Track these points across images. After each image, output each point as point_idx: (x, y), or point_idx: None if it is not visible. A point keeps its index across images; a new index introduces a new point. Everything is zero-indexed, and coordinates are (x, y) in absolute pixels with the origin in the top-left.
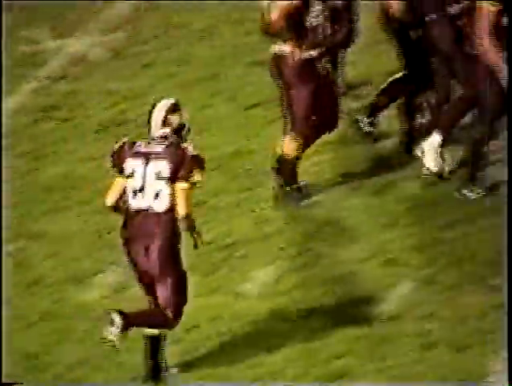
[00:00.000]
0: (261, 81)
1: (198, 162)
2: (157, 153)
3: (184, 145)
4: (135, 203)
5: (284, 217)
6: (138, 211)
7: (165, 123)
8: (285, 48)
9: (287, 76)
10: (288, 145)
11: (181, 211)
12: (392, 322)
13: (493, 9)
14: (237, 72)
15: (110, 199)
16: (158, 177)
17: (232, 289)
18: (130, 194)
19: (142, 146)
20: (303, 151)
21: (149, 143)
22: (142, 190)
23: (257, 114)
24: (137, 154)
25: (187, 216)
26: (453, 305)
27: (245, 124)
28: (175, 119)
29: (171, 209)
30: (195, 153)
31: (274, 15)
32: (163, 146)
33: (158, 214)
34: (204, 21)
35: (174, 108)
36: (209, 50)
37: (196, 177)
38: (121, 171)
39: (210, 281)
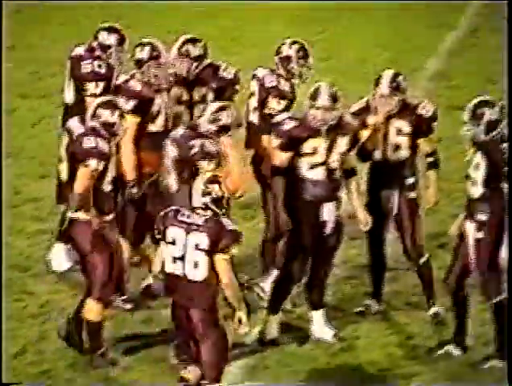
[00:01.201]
0: None
1: (235, 237)
2: (198, 225)
3: (223, 219)
4: (174, 269)
5: None
6: (177, 277)
7: (204, 193)
8: (80, 215)
9: (82, 243)
10: (90, 312)
11: (224, 279)
12: None
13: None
14: None
15: (157, 266)
16: (198, 248)
17: None
18: (168, 259)
19: (185, 216)
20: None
21: (192, 212)
22: (182, 258)
23: None
24: (180, 223)
25: (231, 284)
26: None
27: None
28: (214, 188)
29: (209, 278)
30: (232, 228)
31: (80, 184)
32: (203, 219)
33: (196, 282)
34: None
35: (213, 179)
36: None
37: (234, 250)
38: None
39: None
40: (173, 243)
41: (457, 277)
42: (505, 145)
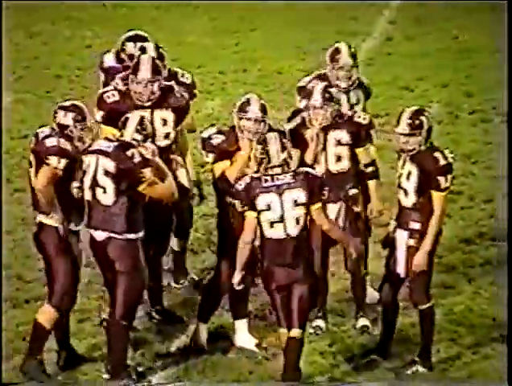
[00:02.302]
0: None
1: (323, 183)
2: (288, 184)
3: (309, 170)
4: (273, 234)
5: None
6: (277, 240)
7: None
8: (44, 219)
9: (49, 249)
10: (44, 315)
11: (325, 226)
12: None
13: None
14: None
15: (248, 237)
16: (296, 204)
17: None
18: (265, 225)
19: (269, 180)
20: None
21: (272, 176)
22: (281, 220)
23: None
24: (269, 188)
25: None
26: None
27: None
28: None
29: (304, 229)
30: (319, 175)
31: (40, 181)
32: (291, 176)
33: (294, 237)
34: None
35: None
36: None
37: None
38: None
39: None
40: (268, 208)
41: (390, 286)
42: (437, 154)
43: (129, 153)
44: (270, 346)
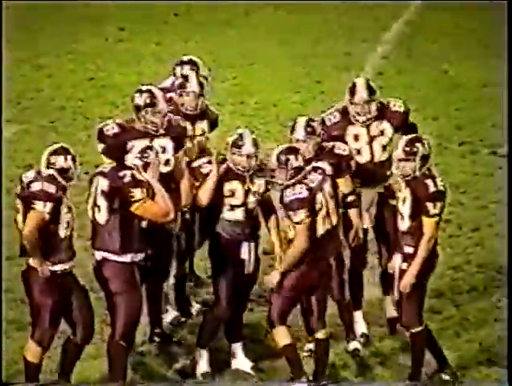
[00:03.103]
0: None
1: None
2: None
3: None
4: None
5: None
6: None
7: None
8: (30, 261)
9: (31, 288)
10: (29, 350)
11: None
12: None
13: None
14: None
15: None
16: None
17: None
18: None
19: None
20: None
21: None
22: None
23: None
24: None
25: None
26: None
27: None
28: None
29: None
30: None
31: (28, 226)
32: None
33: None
34: None
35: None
36: None
37: None
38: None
39: None
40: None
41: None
42: (429, 181)
43: (121, 173)
44: (266, 368)
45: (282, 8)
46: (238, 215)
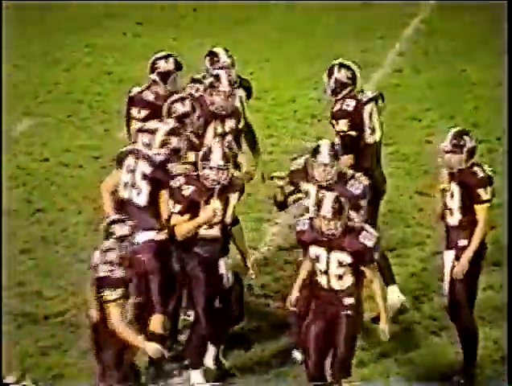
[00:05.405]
0: None
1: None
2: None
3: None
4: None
5: None
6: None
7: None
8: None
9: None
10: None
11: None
12: None
13: None
14: None
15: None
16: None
17: None
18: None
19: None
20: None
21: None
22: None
23: None
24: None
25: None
26: None
27: None
28: None
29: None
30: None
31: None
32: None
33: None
34: None
35: None
36: None
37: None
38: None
39: None
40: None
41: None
42: (476, 168)
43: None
44: None
45: (298, 5)
46: (215, 231)
